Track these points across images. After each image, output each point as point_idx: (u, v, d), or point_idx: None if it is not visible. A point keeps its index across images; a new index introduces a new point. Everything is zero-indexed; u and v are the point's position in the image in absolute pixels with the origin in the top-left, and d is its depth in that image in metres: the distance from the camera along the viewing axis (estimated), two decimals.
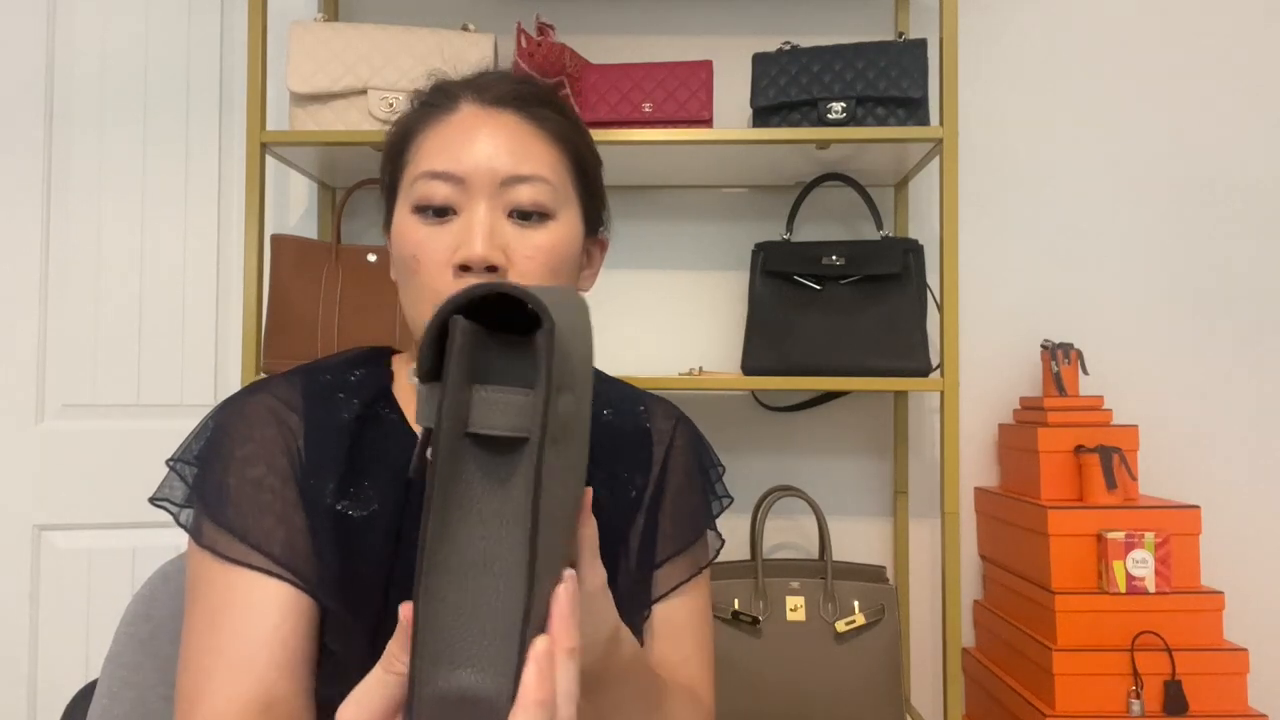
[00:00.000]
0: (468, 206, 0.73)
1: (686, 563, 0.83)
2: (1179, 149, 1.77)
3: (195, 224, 1.69)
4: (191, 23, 1.69)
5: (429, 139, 0.75)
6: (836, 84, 1.45)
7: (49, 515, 1.61)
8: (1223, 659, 1.39)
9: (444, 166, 0.72)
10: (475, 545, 0.43)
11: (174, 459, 0.74)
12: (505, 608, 0.42)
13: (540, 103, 0.77)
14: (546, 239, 0.74)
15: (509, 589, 0.42)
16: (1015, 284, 1.77)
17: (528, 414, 0.42)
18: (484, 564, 0.43)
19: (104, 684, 0.84)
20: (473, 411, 0.42)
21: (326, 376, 0.79)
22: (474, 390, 0.42)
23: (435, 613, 0.42)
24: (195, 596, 0.69)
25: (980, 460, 1.76)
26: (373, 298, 1.50)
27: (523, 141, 0.74)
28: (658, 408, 0.88)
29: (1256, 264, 1.76)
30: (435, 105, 0.77)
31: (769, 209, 1.78)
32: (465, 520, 0.43)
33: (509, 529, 0.43)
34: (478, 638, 0.42)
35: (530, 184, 0.73)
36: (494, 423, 0.42)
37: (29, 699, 1.58)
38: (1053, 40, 1.78)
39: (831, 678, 1.45)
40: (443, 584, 0.42)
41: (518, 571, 0.42)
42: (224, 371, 1.69)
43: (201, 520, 0.70)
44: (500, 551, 0.43)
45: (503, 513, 0.43)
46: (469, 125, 0.74)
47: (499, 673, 0.42)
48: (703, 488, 0.87)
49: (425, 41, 1.46)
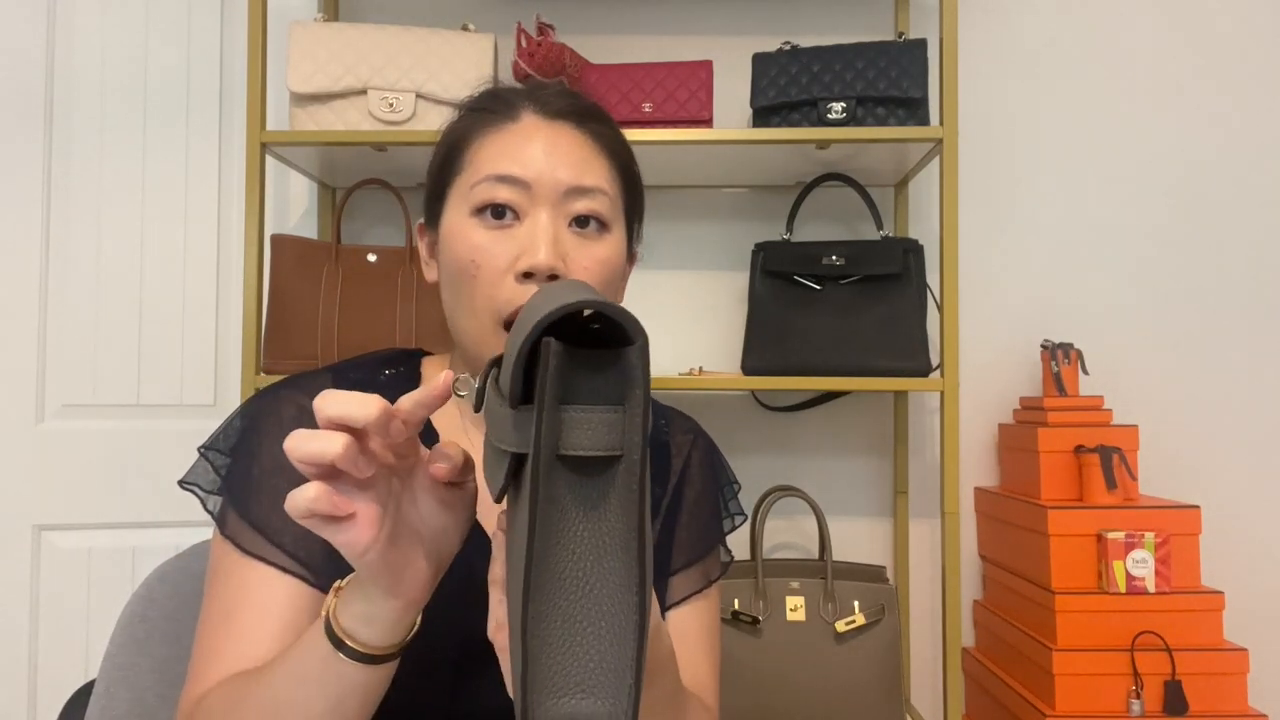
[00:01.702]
0: (530, 213, 0.73)
1: (698, 573, 0.84)
2: (1179, 148, 1.77)
3: (195, 224, 1.69)
4: (191, 23, 1.69)
5: (490, 144, 0.75)
6: (836, 84, 1.45)
7: (49, 515, 1.61)
8: (1223, 659, 1.39)
9: (510, 170, 0.73)
10: (573, 570, 0.42)
11: (205, 446, 0.76)
12: (614, 630, 0.41)
13: (596, 118, 0.79)
14: (604, 251, 0.75)
15: (615, 610, 0.41)
16: (1015, 284, 1.77)
17: (618, 432, 0.41)
18: (584, 589, 0.42)
19: (101, 684, 0.84)
20: (563, 433, 0.41)
21: (355, 374, 0.81)
22: (563, 410, 0.41)
23: (542, 639, 0.41)
24: (214, 582, 0.72)
25: (980, 460, 1.76)
26: (373, 298, 1.50)
27: (584, 154, 0.76)
28: (677, 422, 0.91)
29: (1256, 264, 1.76)
30: (495, 112, 0.77)
31: (769, 209, 1.78)
32: (561, 545, 0.42)
33: (608, 549, 0.42)
34: (586, 663, 0.41)
35: (592, 196, 0.75)
36: (585, 443, 0.41)
37: (29, 699, 1.58)
38: (1053, 40, 1.78)
39: (831, 678, 1.45)
40: (546, 613, 0.41)
41: (624, 593, 0.42)
42: (224, 371, 1.69)
43: (227, 510, 0.73)
44: (600, 573, 0.42)
45: (600, 534, 0.42)
46: (532, 133, 0.75)
47: (614, 697, 0.41)
48: (716, 503, 0.89)
49: (425, 41, 1.46)
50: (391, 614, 0.56)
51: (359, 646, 0.57)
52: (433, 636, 0.74)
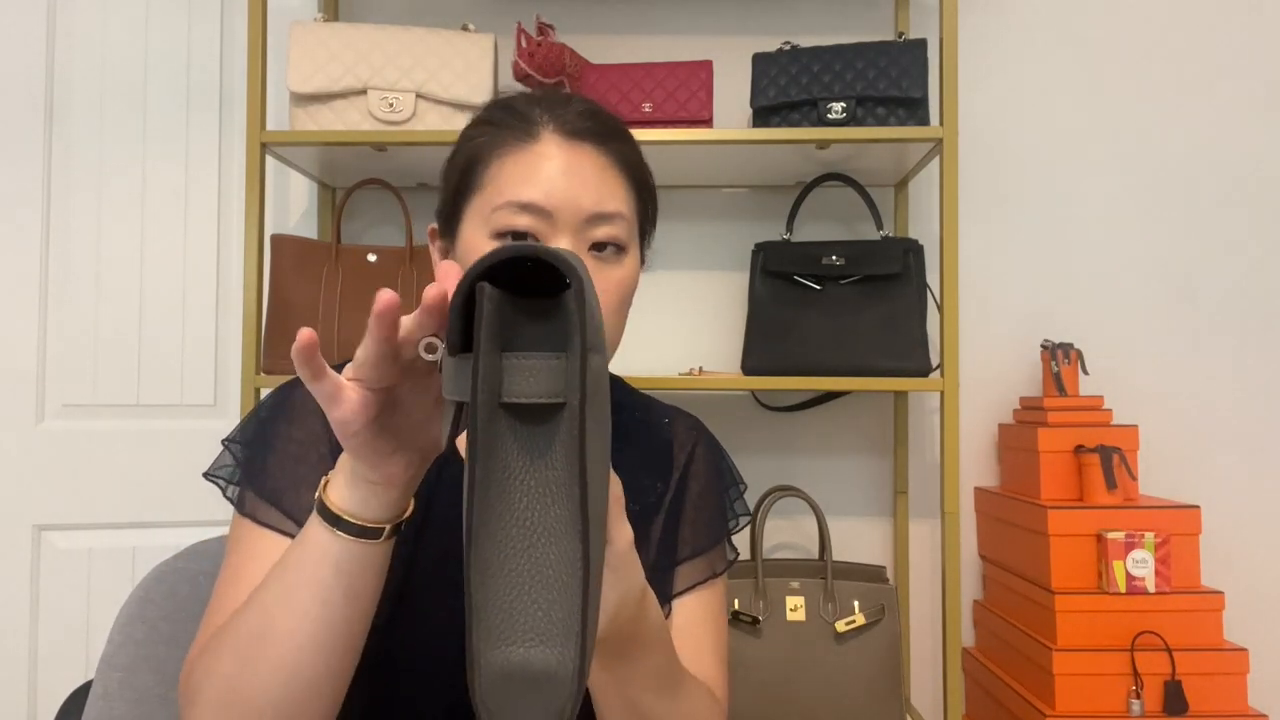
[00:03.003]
0: (551, 238, 0.74)
1: (703, 564, 0.85)
2: (1179, 148, 1.77)
3: (195, 224, 1.69)
4: (191, 23, 1.69)
5: (511, 166, 0.75)
6: (836, 84, 1.45)
7: (49, 515, 1.61)
8: (1223, 659, 1.39)
9: (531, 198, 0.73)
10: (521, 517, 0.42)
11: (228, 439, 0.79)
12: (560, 578, 0.41)
13: (614, 135, 0.79)
14: (622, 274, 0.77)
15: (561, 559, 0.41)
16: (1015, 284, 1.77)
17: (562, 378, 0.41)
18: (532, 536, 0.41)
19: (99, 684, 0.84)
20: (505, 380, 0.41)
21: None
22: (504, 358, 0.41)
23: (488, 589, 0.41)
24: (230, 551, 0.74)
25: (980, 460, 1.76)
26: (373, 298, 1.50)
27: (604, 178, 0.76)
28: (680, 418, 0.92)
29: (1257, 264, 1.76)
30: (514, 129, 0.77)
31: (769, 209, 1.78)
32: (507, 492, 0.42)
33: (554, 497, 0.42)
34: (535, 610, 0.41)
35: (612, 222, 0.75)
36: (528, 390, 0.41)
37: (29, 699, 1.58)
38: (1053, 40, 1.78)
39: (831, 678, 1.45)
40: (492, 559, 0.41)
41: (569, 540, 0.41)
42: (224, 371, 1.69)
43: (245, 491, 0.75)
44: (548, 521, 0.41)
45: (546, 481, 0.42)
46: (554, 156, 0.75)
47: (562, 645, 0.41)
48: (720, 498, 0.89)
49: (425, 41, 1.46)
50: (374, 492, 0.58)
51: (350, 518, 0.58)
52: (434, 632, 0.75)
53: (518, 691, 0.40)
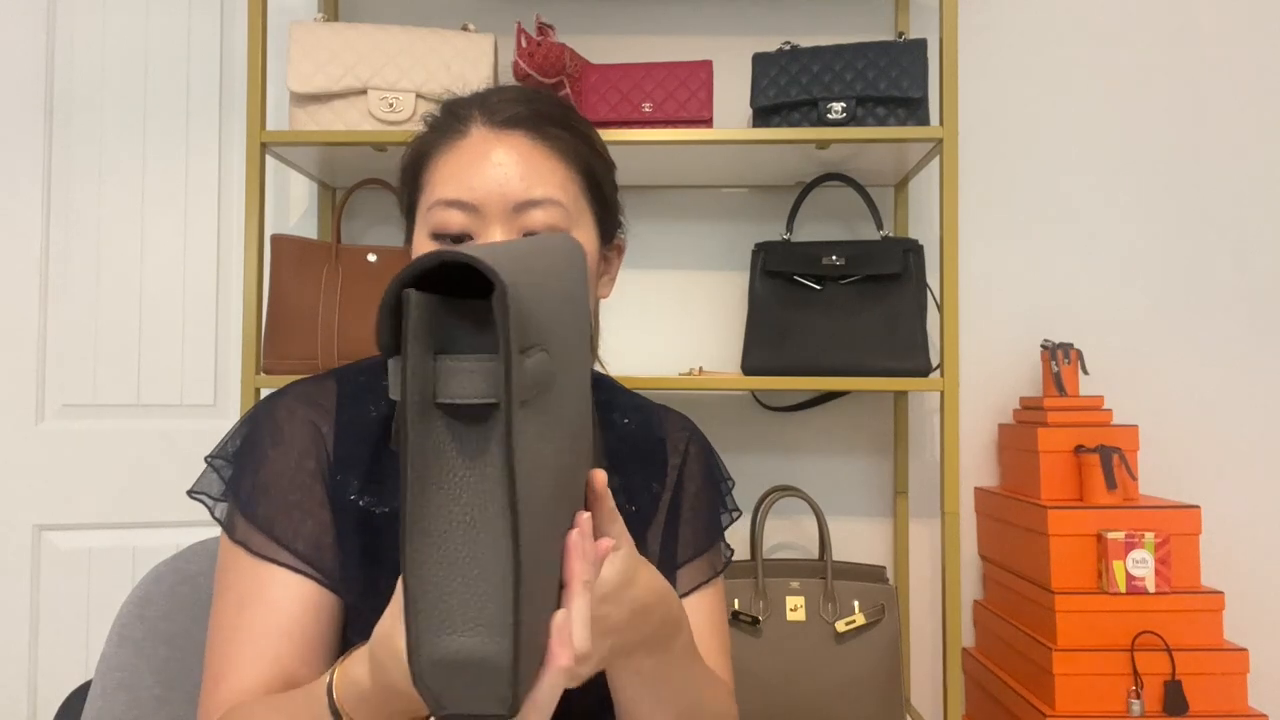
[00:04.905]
0: (483, 232, 0.73)
1: (704, 564, 0.85)
2: (1179, 148, 1.77)
3: (195, 224, 1.69)
4: (191, 23, 1.69)
5: (442, 164, 0.75)
6: (836, 84, 1.45)
7: (49, 515, 1.61)
8: (1223, 659, 1.39)
9: (456, 194, 0.73)
10: (458, 513, 0.43)
11: (211, 455, 0.77)
12: (496, 570, 0.43)
13: (550, 120, 0.77)
14: None
15: (496, 552, 0.43)
16: (1015, 284, 1.77)
17: (493, 380, 0.42)
18: (469, 531, 0.43)
19: (97, 685, 0.84)
20: (439, 382, 0.42)
21: (362, 378, 0.81)
22: (438, 360, 0.42)
23: (423, 581, 0.43)
24: (225, 584, 0.73)
25: (980, 460, 1.76)
26: (373, 298, 1.50)
27: (533, 164, 0.74)
28: (672, 419, 0.91)
29: (1257, 264, 1.75)
30: (446, 129, 0.77)
31: (769, 209, 1.78)
32: (444, 489, 0.43)
33: (491, 495, 0.43)
34: (471, 601, 0.43)
35: (543, 207, 0.74)
36: (460, 391, 0.42)
37: (29, 699, 1.58)
38: (1053, 39, 1.78)
39: (831, 678, 1.45)
40: (427, 553, 0.43)
41: (501, 534, 0.43)
42: (224, 371, 1.69)
43: (234, 515, 0.73)
44: (486, 517, 0.43)
45: (484, 479, 0.43)
46: (480, 150, 0.74)
47: (497, 633, 0.42)
48: (715, 498, 0.90)
49: (425, 41, 1.46)
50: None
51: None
52: None
53: (458, 677, 0.43)
